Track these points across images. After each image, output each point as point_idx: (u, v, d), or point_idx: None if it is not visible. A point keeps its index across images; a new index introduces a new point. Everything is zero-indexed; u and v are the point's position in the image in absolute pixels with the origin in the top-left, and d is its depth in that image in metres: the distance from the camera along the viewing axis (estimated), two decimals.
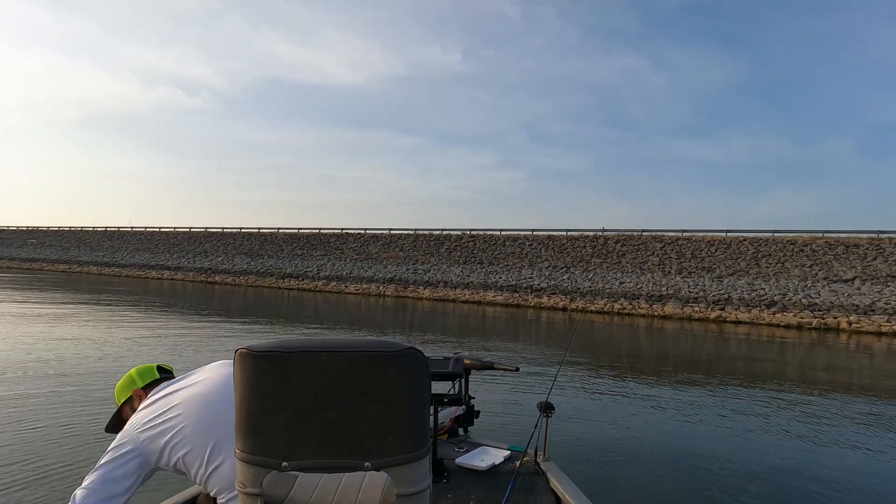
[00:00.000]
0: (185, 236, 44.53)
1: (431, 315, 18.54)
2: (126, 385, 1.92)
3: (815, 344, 14.92)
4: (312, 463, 1.20)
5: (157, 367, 1.98)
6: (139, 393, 1.89)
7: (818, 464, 4.80)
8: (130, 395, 1.90)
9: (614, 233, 31.35)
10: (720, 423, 6.06)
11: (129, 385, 1.91)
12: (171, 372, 2.01)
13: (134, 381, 1.91)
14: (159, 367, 1.98)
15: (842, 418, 6.50)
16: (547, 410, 2.59)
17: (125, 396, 1.92)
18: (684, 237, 29.33)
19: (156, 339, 9.86)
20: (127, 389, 1.91)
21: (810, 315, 20.55)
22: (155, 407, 1.70)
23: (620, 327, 17.27)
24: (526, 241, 32.65)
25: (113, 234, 48.67)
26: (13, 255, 46.03)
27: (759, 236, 27.77)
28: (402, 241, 35.83)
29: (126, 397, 1.91)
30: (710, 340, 14.58)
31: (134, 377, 1.92)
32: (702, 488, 4.11)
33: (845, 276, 23.48)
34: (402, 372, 1.18)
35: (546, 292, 26.02)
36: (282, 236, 40.68)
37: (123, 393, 1.92)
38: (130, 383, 1.91)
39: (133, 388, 1.90)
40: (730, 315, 21.49)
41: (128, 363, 7.60)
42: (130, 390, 1.91)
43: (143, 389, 1.89)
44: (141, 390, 1.89)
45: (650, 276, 26.48)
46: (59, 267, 40.30)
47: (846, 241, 25.81)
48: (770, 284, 23.81)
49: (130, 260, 40.72)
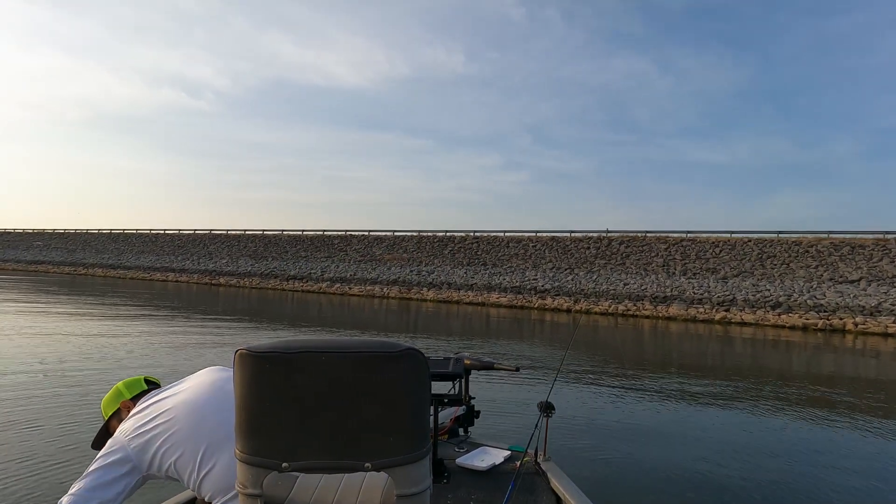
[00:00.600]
0: (190, 238, 44.66)
1: (435, 317, 18.53)
2: (113, 398, 1.88)
3: (821, 345, 14.84)
4: (313, 463, 1.19)
5: (144, 378, 1.95)
6: (127, 404, 1.85)
7: (821, 466, 4.77)
8: (118, 406, 1.87)
9: (618, 234, 31.28)
10: (721, 423, 6.03)
11: (116, 397, 1.88)
12: (158, 384, 1.98)
13: (122, 393, 1.88)
14: (146, 380, 1.95)
15: (848, 420, 6.46)
16: (547, 410, 2.58)
17: (113, 409, 1.88)
18: (689, 238, 29.24)
19: (160, 340, 9.88)
20: (114, 402, 1.88)
21: (816, 316, 20.45)
22: (144, 413, 1.68)
23: (624, 329, 17.23)
24: (530, 242, 32.61)
25: (118, 236, 48.85)
26: (19, 258, 46.25)
27: (763, 237, 27.66)
28: (405, 243, 35.84)
29: (114, 409, 1.87)
30: (714, 342, 14.52)
31: (121, 389, 1.89)
32: (703, 488, 4.09)
33: (851, 277, 23.36)
34: (402, 372, 1.18)
35: (550, 294, 25.98)
36: (286, 238, 40.75)
37: (111, 405, 1.88)
38: (118, 395, 1.88)
39: (121, 400, 1.87)
40: (735, 316, 21.41)
41: (131, 363, 7.62)
42: (118, 402, 1.87)
43: (132, 401, 1.86)
44: (129, 402, 1.86)
45: (654, 277, 26.41)
46: (65, 269, 40.47)
47: (852, 242, 25.68)
48: (775, 286, 23.71)
49: (135, 262, 40.86)
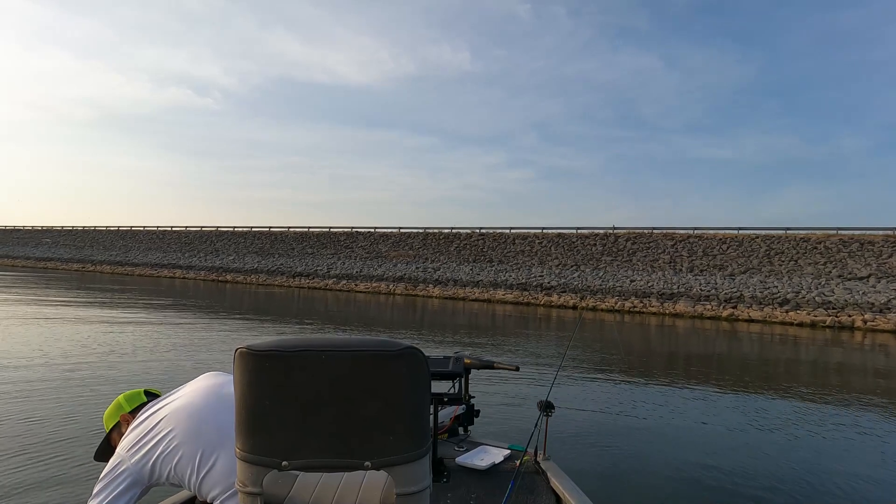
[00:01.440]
0: (197, 235, 44.88)
1: (441, 313, 18.53)
2: (114, 411, 1.92)
3: (829, 342, 14.74)
4: (313, 462, 1.20)
5: (144, 391, 1.98)
6: (127, 418, 1.89)
7: (824, 468, 4.72)
8: (118, 420, 1.90)
9: (625, 231, 31.18)
10: (723, 422, 5.99)
11: (116, 411, 1.92)
12: (158, 395, 2.01)
13: (122, 407, 1.91)
14: (147, 392, 1.99)
15: (857, 420, 6.41)
16: (547, 409, 2.57)
17: (113, 422, 1.92)
18: (696, 235, 29.10)
19: (167, 337, 9.94)
20: (115, 415, 1.91)
21: (824, 313, 20.31)
22: (143, 426, 1.72)
23: (630, 326, 17.17)
24: (536, 239, 32.56)
25: (126, 233, 49.16)
26: (28, 255, 46.65)
27: (771, 234, 27.51)
28: (411, 240, 35.86)
29: (114, 423, 1.91)
30: (720, 339, 14.45)
31: (122, 402, 1.92)
32: (703, 488, 4.06)
33: (860, 274, 23.18)
34: (401, 371, 1.18)
35: (556, 290, 25.93)
36: (292, 235, 40.87)
37: (111, 419, 1.92)
38: (118, 409, 1.92)
39: (121, 413, 1.90)
40: (742, 313, 21.30)
41: (137, 362, 7.67)
42: (118, 415, 1.91)
43: (131, 414, 1.89)
44: (128, 415, 1.89)
45: (661, 274, 26.31)
46: (73, 266, 40.78)
47: (860, 238, 25.48)
48: (783, 282, 23.57)
49: (143, 259, 41.11)
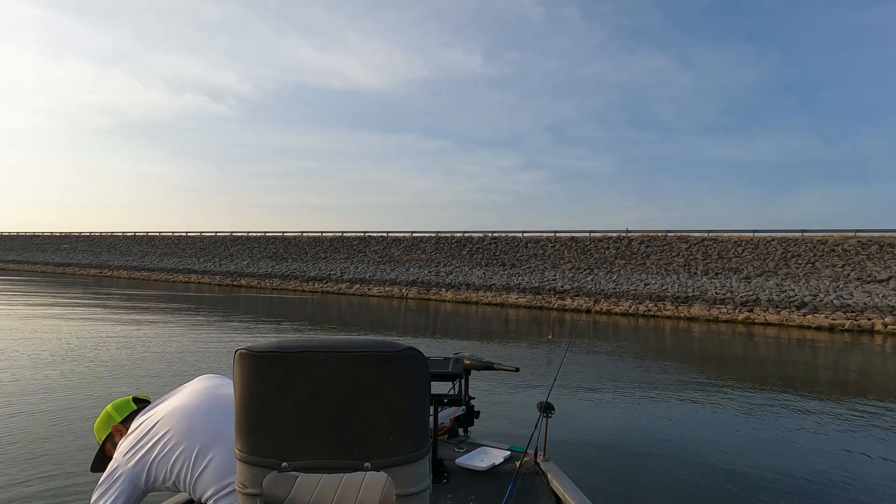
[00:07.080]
0: (212, 240, 45.32)
1: (454, 317, 18.53)
2: (104, 422, 1.88)
3: (848, 346, 14.49)
4: (312, 463, 1.20)
5: (132, 399, 1.95)
6: (119, 428, 1.86)
7: (826, 471, 4.64)
8: (110, 431, 1.87)
9: (639, 234, 30.94)
10: (724, 423, 5.91)
11: (107, 422, 1.88)
12: (148, 401, 1.98)
13: (111, 418, 1.87)
14: (135, 398, 1.96)
15: (868, 427, 6.29)
16: (547, 410, 2.57)
17: (104, 434, 1.88)
18: (710, 238, 28.79)
19: (179, 341, 10.03)
20: (105, 427, 1.88)
21: (843, 316, 19.98)
22: (138, 431, 1.72)
23: (645, 329, 17.02)
24: (548, 242, 32.43)
25: (142, 238, 49.79)
26: (47, 260, 47.44)
27: (787, 236, 27.12)
28: (424, 244, 35.91)
29: (106, 434, 1.88)
30: (735, 342, 14.27)
31: (111, 413, 1.88)
32: (703, 489, 4.03)
33: (879, 277, 22.78)
34: (401, 372, 1.18)
35: (569, 294, 25.80)
36: (305, 239, 41.11)
37: (103, 431, 1.88)
38: (108, 420, 1.88)
39: (112, 425, 1.87)
40: (758, 317, 21.02)
41: (148, 362, 7.74)
42: (109, 427, 1.87)
43: (122, 424, 1.86)
44: (120, 425, 1.86)
45: (676, 277, 26.07)
46: (91, 271, 41.36)
47: (880, 241, 25.04)
48: (800, 285, 23.23)
49: (159, 264, 41.59)
